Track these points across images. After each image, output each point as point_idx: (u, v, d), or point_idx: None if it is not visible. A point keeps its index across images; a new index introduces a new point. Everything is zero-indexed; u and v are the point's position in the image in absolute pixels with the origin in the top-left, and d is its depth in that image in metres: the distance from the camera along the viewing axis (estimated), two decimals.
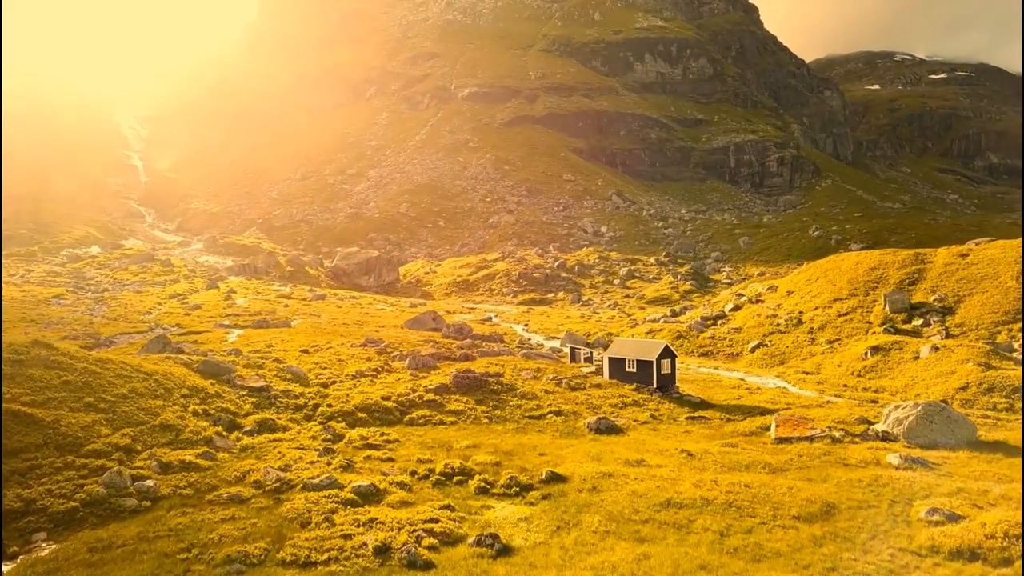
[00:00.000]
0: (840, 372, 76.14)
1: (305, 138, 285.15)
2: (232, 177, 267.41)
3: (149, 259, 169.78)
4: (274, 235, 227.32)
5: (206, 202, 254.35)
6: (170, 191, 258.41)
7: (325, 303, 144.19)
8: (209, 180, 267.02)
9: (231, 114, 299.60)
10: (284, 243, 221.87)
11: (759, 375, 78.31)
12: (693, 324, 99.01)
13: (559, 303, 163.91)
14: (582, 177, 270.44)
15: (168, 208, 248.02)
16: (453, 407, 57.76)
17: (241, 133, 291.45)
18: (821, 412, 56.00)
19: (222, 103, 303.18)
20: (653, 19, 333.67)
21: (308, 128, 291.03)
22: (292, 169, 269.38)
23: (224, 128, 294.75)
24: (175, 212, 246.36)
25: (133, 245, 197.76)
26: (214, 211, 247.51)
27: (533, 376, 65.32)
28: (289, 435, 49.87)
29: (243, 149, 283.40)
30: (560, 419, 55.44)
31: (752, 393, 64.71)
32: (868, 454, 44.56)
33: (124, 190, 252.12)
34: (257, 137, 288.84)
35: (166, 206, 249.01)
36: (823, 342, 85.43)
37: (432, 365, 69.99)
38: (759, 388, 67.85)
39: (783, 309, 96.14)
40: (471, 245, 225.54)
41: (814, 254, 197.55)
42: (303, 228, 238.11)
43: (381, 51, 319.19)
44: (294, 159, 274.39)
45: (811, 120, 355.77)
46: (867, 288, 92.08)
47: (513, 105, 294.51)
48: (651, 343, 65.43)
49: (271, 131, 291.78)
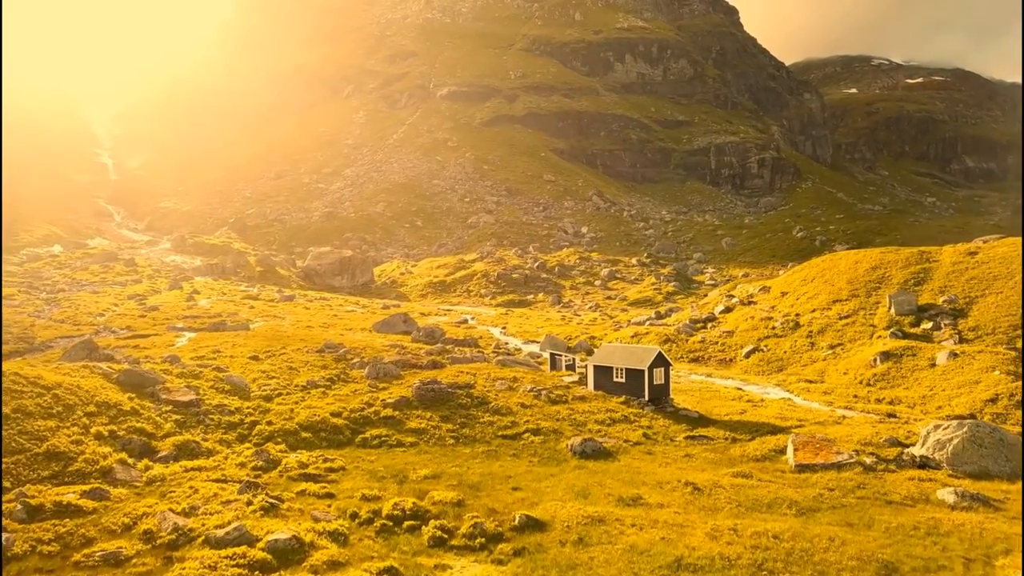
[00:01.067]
0: (847, 381, 67.74)
1: (280, 136, 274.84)
2: (205, 176, 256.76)
3: (112, 259, 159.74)
4: (247, 235, 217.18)
5: (177, 201, 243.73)
6: (141, 190, 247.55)
7: (293, 304, 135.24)
8: (181, 179, 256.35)
9: (205, 112, 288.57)
10: (257, 243, 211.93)
11: (757, 383, 69.83)
12: (682, 327, 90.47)
13: (539, 305, 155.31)
14: (562, 177, 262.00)
15: (138, 207, 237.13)
16: (414, 425, 48.70)
17: (215, 131, 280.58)
18: (840, 431, 47.44)
19: (196, 101, 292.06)
20: (634, 20, 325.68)
21: (284, 126, 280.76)
22: (267, 168, 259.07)
23: (198, 126, 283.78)
24: (145, 211, 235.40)
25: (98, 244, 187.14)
26: (185, 210, 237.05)
27: (508, 387, 56.41)
28: (212, 462, 40.68)
29: (217, 147, 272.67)
30: (539, 439, 46.54)
31: (756, 407, 56.07)
32: (912, 487, 35.98)
33: (93, 188, 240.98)
34: (231, 135, 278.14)
35: (136, 205, 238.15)
36: (824, 347, 77.12)
37: (395, 374, 60.92)
38: (762, 400, 59.27)
39: (778, 311, 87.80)
40: (449, 245, 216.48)
41: (799, 255, 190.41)
42: (277, 228, 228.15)
43: (359, 49, 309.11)
44: (269, 158, 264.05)
45: (790, 122, 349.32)
46: (868, 289, 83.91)
47: (493, 104, 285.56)
48: (642, 349, 56.60)
49: (246, 129, 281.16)
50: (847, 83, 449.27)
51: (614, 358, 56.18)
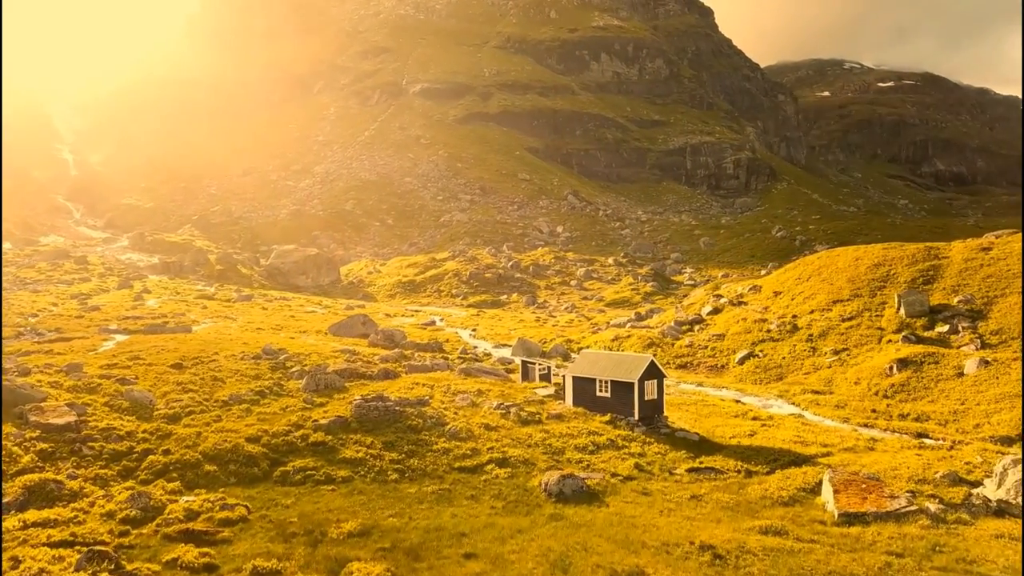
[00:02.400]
0: (861, 392, 58.05)
1: (248, 133, 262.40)
2: (169, 172, 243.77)
3: (64, 256, 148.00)
4: (210, 232, 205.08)
5: (140, 198, 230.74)
6: (102, 186, 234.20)
7: (250, 304, 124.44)
8: (144, 175, 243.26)
9: (171, 107, 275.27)
10: (221, 241, 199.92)
11: (757, 395, 60.01)
12: (666, 329, 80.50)
13: (512, 305, 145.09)
14: (537, 176, 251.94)
15: (99, 203, 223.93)
16: (349, 453, 38.17)
17: (180, 127, 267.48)
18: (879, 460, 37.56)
19: (162, 96, 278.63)
20: (609, 18, 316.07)
21: (251, 123, 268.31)
22: (233, 165, 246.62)
23: (163, 121, 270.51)
24: (105, 208, 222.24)
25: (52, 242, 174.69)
26: (148, 207, 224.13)
27: (471, 402, 46.08)
28: (71, 511, 29.97)
29: (182, 144, 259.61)
30: (505, 473, 36.22)
31: (766, 426, 46.08)
32: (1006, 551, 26.05)
33: (51, 184, 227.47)
34: (197, 131, 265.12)
35: (97, 201, 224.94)
36: (827, 352, 67.47)
37: (338, 386, 50.34)
38: (771, 418, 49.30)
39: (772, 313, 78.10)
40: (421, 244, 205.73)
41: (779, 255, 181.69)
42: (242, 225, 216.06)
43: (330, 45, 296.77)
44: (236, 154, 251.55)
45: (765, 124, 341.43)
46: (872, 288, 74.39)
47: (466, 102, 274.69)
48: (631, 359, 46.41)
49: (212, 125, 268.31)
50: (820, 86, 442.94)
51: (597, 368, 45.95)
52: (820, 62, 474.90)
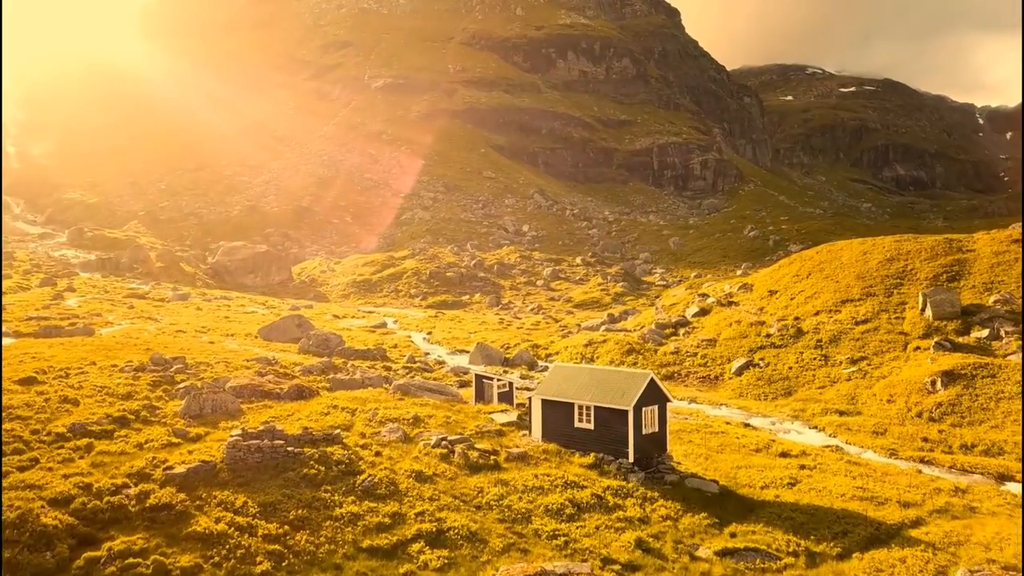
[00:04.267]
0: (898, 413, 45.45)
1: (203, 127, 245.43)
2: (118, 166, 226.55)
3: None
4: (158, 229, 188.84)
5: (84, 192, 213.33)
6: (44, 179, 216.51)
7: (184, 304, 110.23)
8: (91, 169, 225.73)
9: (122, 99, 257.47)
10: (169, 238, 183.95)
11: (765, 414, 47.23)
12: (647, 333, 67.53)
13: (475, 306, 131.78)
14: (503, 174, 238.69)
15: (40, 198, 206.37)
16: (204, 524, 24.37)
17: (132, 120, 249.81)
18: (994, 530, 24.66)
19: (112, 88, 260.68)
20: (576, 17, 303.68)
21: (206, 116, 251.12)
22: (186, 159, 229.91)
23: (113, 114, 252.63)
24: (47, 202, 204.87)
25: None
26: (92, 202, 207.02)
27: (403, 436, 32.53)
28: None
29: (133, 137, 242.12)
30: (438, 561, 22.78)
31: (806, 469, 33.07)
32: None
33: None
34: (149, 124, 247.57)
35: (39, 196, 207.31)
36: (843, 362, 54.98)
37: (229, 409, 36.48)
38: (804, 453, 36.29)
39: (770, 315, 65.53)
40: (380, 242, 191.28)
41: (752, 255, 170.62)
42: (192, 222, 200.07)
43: (289, 38, 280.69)
44: (189, 149, 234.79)
45: (731, 126, 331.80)
46: (887, 286, 62.15)
47: (430, 98, 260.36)
48: (621, 376, 32.97)
49: (166, 118, 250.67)
50: (783, 91, 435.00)
51: (575, 388, 32.58)
52: (783, 67, 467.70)
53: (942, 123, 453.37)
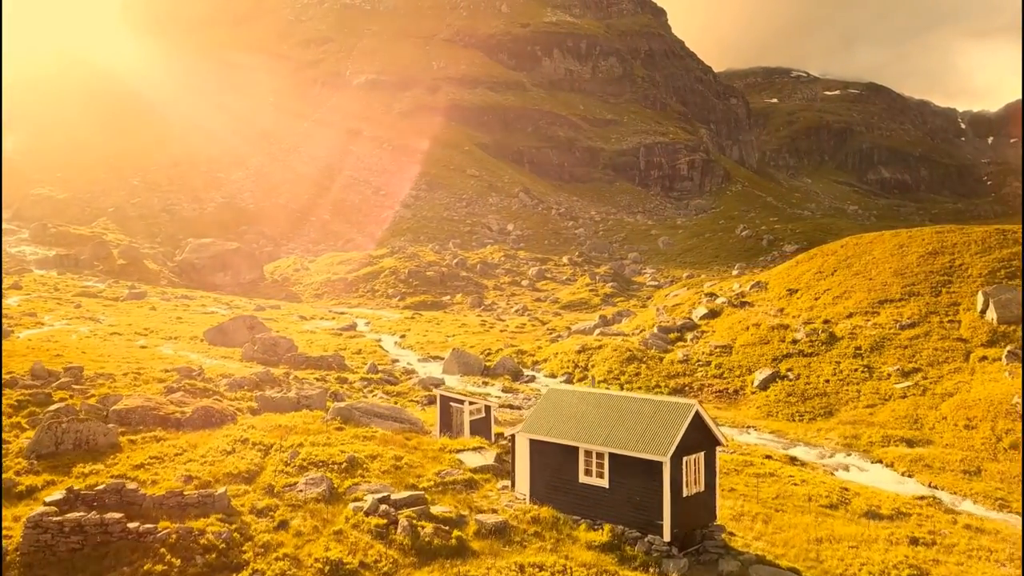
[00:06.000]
0: (984, 443, 36.56)
1: (179, 122, 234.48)
2: (90, 162, 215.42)
3: None
4: (128, 225, 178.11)
5: (54, 188, 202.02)
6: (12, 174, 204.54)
7: (138, 304, 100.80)
8: (62, 164, 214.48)
9: (97, 93, 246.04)
10: (139, 235, 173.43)
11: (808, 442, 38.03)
12: (649, 338, 58.15)
13: (456, 307, 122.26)
14: (487, 173, 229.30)
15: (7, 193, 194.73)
16: None
17: (106, 115, 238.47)
18: None
19: (87, 81, 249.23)
20: (562, 14, 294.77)
21: (183, 111, 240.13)
22: (161, 155, 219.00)
23: (87, 108, 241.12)
24: (14, 198, 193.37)
25: None
26: (61, 198, 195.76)
27: (327, 491, 22.77)
28: None
29: (107, 132, 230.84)
30: None
31: (920, 543, 23.64)
32: None
33: None
34: (124, 119, 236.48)
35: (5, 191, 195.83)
36: (891, 374, 45.89)
37: (98, 445, 26.76)
38: (900, 514, 27.05)
39: (792, 317, 56.33)
40: (359, 241, 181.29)
41: (746, 255, 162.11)
42: (164, 218, 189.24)
43: (270, 33, 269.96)
44: (165, 144, 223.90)
45: (717, 127, 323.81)
46: (934, 284, 53.18)
47: (413, 95, 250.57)
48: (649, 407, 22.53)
49: (141, 114, 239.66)
50: (768, 93, 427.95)
51: (578, 424, 22.78)
52: (768, 70, 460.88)
53: (925, 127, 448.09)
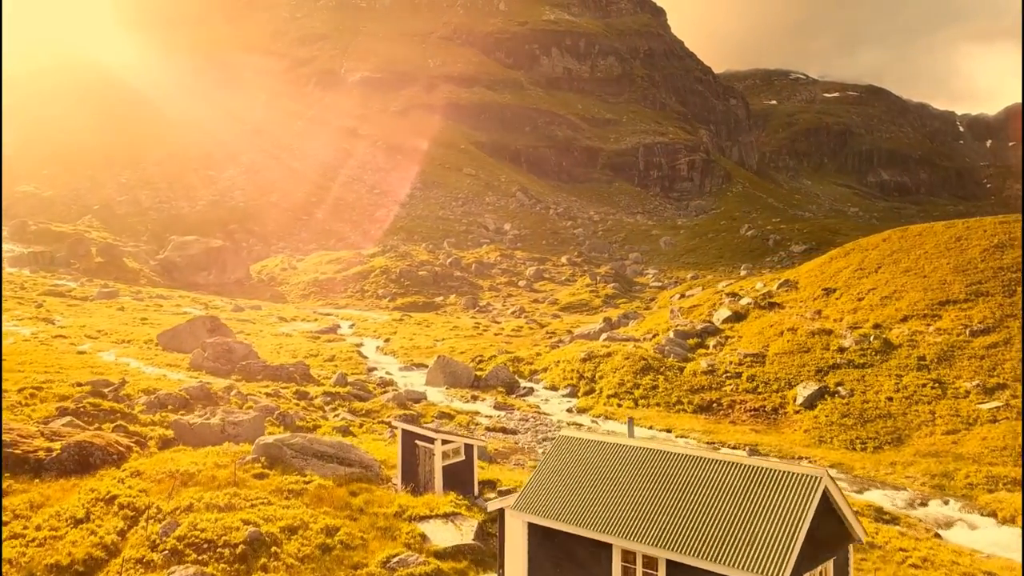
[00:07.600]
0: None
1: (170, 119, 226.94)
2: (77, 158, 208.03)
3: None
4: (114, 224, 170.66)
5: (39, 185, 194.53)
6: None
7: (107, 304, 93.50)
8: (48, 161, 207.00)
9: (86, 91, 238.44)
10: (123, 234, 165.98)
11: (885, 480, 30.23)
12: (665, 344, 50.48)
13: (449, 308, 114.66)
14: (484, 172, 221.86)
15: None
16: None
17: (96, 111, 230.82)
18: None
19: (76, 79, 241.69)
20: (560, 13, 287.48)
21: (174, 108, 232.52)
22: (150, 152, 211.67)
23: (77, 105, 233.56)
24: None
25: None
26: (46, 195, 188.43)
27: None
28: None
29: (96, 129, 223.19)
30: None
31: None
32: None
33: None
34: (114, 116, 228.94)
35: None
36: (969, 391, 38.46)
37: None
38: None
39: (834, 321, 48.76)
40: (352, 240, 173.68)
41: (752, 255, 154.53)
42: (151, 217, 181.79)
43: (264, 30, 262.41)
44: (155, 141, 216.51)
45: (717, 127, 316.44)
46: (1004, 282, 45.73)
47: (409, 93, 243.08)
48: (734, 472, 13.34)
49: (132, 110, 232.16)
50: (767, 95, 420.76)
51: (606, 503, 13.79)
52: (767, 72, 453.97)
53: (924, 130, 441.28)
